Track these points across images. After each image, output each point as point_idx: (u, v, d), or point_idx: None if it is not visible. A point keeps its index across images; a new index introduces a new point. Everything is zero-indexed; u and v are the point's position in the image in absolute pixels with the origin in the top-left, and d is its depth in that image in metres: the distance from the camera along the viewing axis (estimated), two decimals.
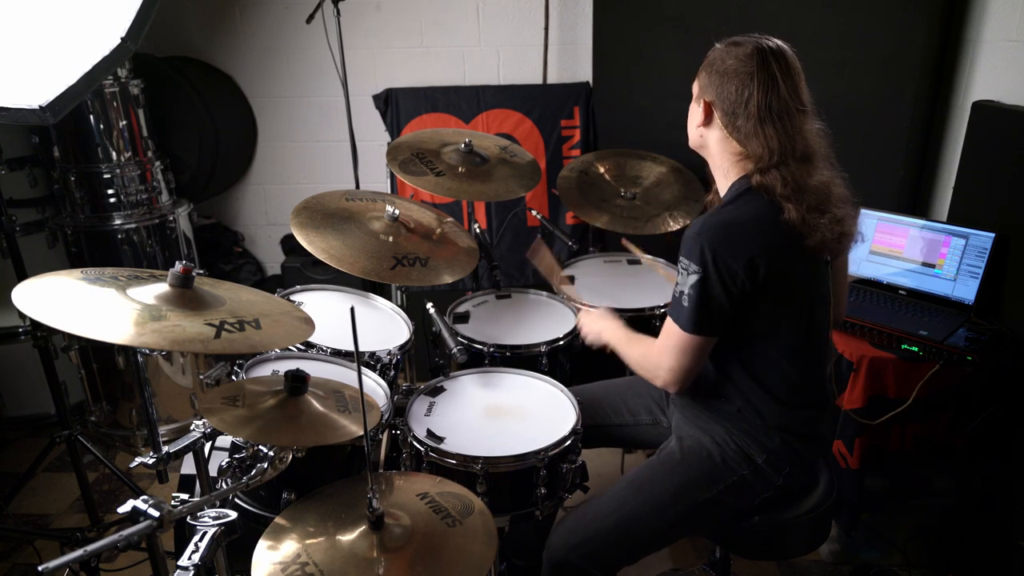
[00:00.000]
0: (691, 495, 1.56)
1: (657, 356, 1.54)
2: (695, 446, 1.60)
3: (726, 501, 1.57)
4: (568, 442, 1.64)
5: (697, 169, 2.49)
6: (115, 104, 2.66)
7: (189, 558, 1.14)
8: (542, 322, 2.16)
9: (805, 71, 1.45)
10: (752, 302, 1.44)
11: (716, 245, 1.40)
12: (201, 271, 1.44)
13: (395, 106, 3.26)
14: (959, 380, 2.02)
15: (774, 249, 1.42)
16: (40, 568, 1.02)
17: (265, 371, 1.80)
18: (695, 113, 1.56)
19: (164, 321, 1.20)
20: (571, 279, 2.38)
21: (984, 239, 2.12)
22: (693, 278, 1.42)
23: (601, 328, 1.79)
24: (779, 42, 1.45)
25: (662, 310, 2.15)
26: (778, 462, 1.56)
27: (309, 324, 1.42)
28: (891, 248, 2.31)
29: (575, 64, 3.28)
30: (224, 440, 1.54)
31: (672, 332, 1.49)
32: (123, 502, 1.16)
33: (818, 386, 1.60)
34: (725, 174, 1.53)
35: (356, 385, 1.23)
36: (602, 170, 2.58)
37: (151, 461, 1.31)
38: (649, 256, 2.42)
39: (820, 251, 1.47)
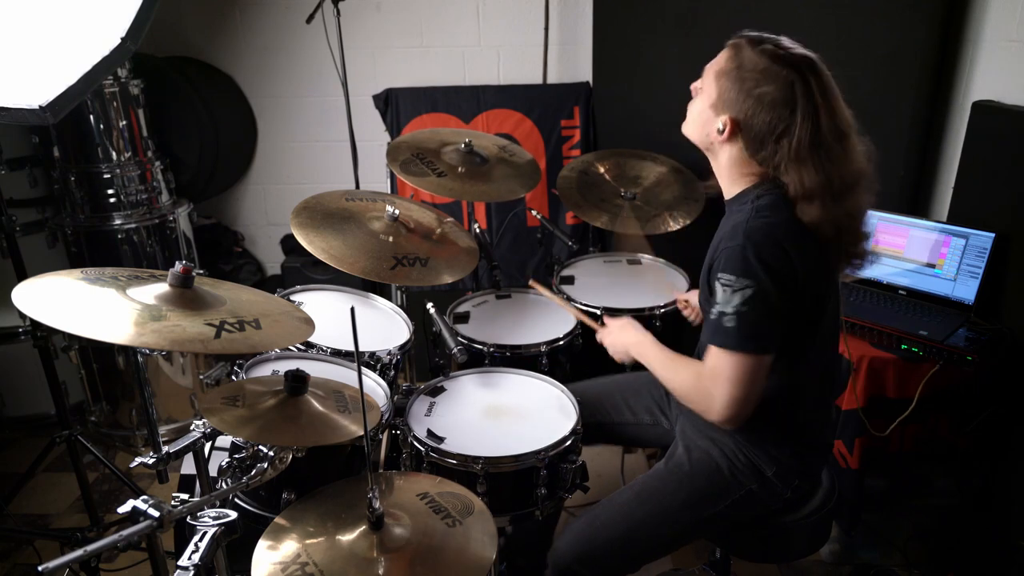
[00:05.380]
0: (698, 509, 1.55)
1: (709, 387, 1.39)
2: (704, 458, 1.58)
3: (733, 514, 1.56)
4: (568, 442, 1.64)
5: (697, 169, 2.49)
6: (115, 104, 2.66)
7: (189, 558, 1.13)
8: (542, 322, 2.15)
9: None
10: (791, 311, 1.37)
11: (761, 250, 1.32)
12: (201, 271, 1.45)
13: (395, 106, 3.26)
14: (959, 380, 2.02)
15: (810, 260, 1.37)
16: (40, 568, 1.02)
17: (265, 371, 1.80)
18: (707, 118, 1.44)
19: (164, 321, 1.20)
20: (571, 279, 2.38)
21: (984, 239, 2.12)
22: (745, 293, 1.31)
23: (629, 343, 1.66)
24: (813, 56, 1.36)
25: (662, 310, 2.14)
26: (788, 474, 1.54)
27: (309, 324, 1.43)
28: (891, 248, 2.31)
29: (575, 64, 3.27)
30: (224, 440, 1.54)
31: (719, 359, 1.36)
32: (123, 502, 1.16)
33: (829, 396, 1.59)
34: (741, 176, 1.46)
35: (356, 385, 1.23)
36: (602, 170, 2.58)
37: (151, 461, 1.31)
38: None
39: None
